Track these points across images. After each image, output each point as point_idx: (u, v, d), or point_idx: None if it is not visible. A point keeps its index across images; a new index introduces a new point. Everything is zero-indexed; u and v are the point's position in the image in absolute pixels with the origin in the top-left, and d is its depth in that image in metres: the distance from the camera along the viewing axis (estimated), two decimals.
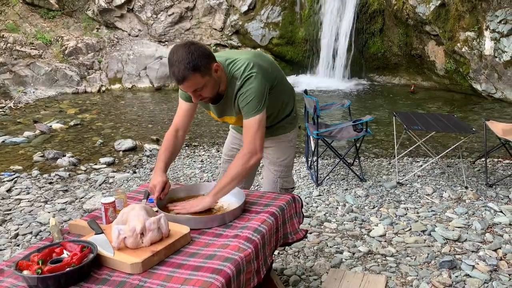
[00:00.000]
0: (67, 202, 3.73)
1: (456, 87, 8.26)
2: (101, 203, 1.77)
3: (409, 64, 9.06)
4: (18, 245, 3.04)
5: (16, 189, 3.98)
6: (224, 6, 9.44)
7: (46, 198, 3.80)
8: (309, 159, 4.52)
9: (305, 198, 3.76)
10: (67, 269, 1.37)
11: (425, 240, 3.03)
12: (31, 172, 4.39)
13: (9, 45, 8.36)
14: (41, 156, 4.85)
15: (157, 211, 1.83)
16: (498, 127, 4.09)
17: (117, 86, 8.78)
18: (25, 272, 1.38)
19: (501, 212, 3.43)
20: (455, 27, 7.69)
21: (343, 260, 2.79)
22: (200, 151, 5.15)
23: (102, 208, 1.77)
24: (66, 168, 4.55)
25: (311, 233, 3.13)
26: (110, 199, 1.79)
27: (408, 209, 3.53)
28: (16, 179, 4.20)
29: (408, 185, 4.03)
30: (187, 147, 5.28)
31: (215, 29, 9.58)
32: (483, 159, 4.34)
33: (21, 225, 3.32)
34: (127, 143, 5.21)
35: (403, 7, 8.36)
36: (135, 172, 4.47)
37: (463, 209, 3.48)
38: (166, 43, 9.50)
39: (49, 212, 3.52)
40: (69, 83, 8.41)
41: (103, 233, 1.63)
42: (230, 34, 9.57)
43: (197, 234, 1.70)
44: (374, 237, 3.07)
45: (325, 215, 3.43)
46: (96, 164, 4.69)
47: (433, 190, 3.89)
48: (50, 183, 4.16)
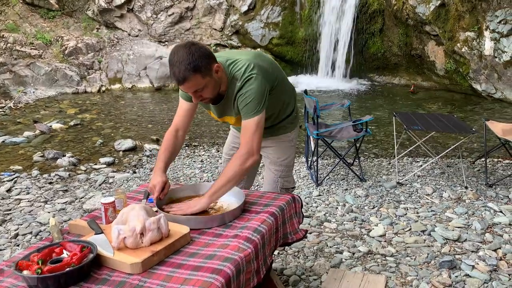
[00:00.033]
0: (67, 202, 3.73)
1: (456, 87, 8.26)
2: (101, 203, 1.77)
3: (409, 64, 9.06)
4: (18, 245, 3.04)
5: (16, 189, 3.98)
6: (224, 6, 9.44)
7: (46, 198, 3.80)
8: (309, 159, 4.52)
9: (305, 198, 3.76)
10: (67, 269, 1.38)
11: (425, 240, 3.03)
12: (31, 172, 4.39)
13: (9, 45, 8.36)
14: (41, 156, 4.85)
15: (156, 211, 1.83)
16: (498, 127, 4.09)
17: (117, 86, 8.77)
18: (25, 272, 1.38)
19: (501, 212, 3.43)
20: (455, 27, 7.69)
21: (343, 260, 2.79)
22: (200, 151, 5.15)
23: (102, 208, 1.77)
24: (66, 168, 4.55)
25: (311, 233, 3.13)
26: (110, 199, 1.79)
27: (408, 209, 3.53)
28: (16, 179, 4.20)
29: (408, 185, 4.03)
30: (187, 147, 5.28)
31: (215, 29, 9.58)
32: (483, 159, 4.34)
33: (21, 225, 3.32)
34: (127, 143, 5.21)
35: (403, 7, 8.36)
36: (135, 172, 4.47)
37: (463, 209, 3.48)
38: (166, 43, 9.50)
39: (49, 212, 3.52)
40: (69, 83, 8.41)
41: (103, 233, 1.63)
42: (230, 34, 9.57)
43: (197, 234, 1.70)
44: (374, 237, 3.07)
45: (325, 215, 3.43)
46: (96, 164, 4.69)
47: (433, 190, 3.89)
48: (50, 183, 4.16)
